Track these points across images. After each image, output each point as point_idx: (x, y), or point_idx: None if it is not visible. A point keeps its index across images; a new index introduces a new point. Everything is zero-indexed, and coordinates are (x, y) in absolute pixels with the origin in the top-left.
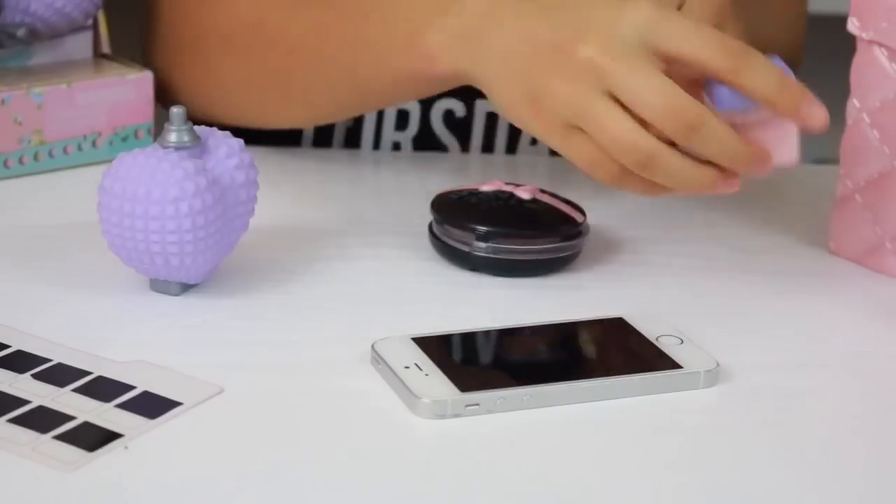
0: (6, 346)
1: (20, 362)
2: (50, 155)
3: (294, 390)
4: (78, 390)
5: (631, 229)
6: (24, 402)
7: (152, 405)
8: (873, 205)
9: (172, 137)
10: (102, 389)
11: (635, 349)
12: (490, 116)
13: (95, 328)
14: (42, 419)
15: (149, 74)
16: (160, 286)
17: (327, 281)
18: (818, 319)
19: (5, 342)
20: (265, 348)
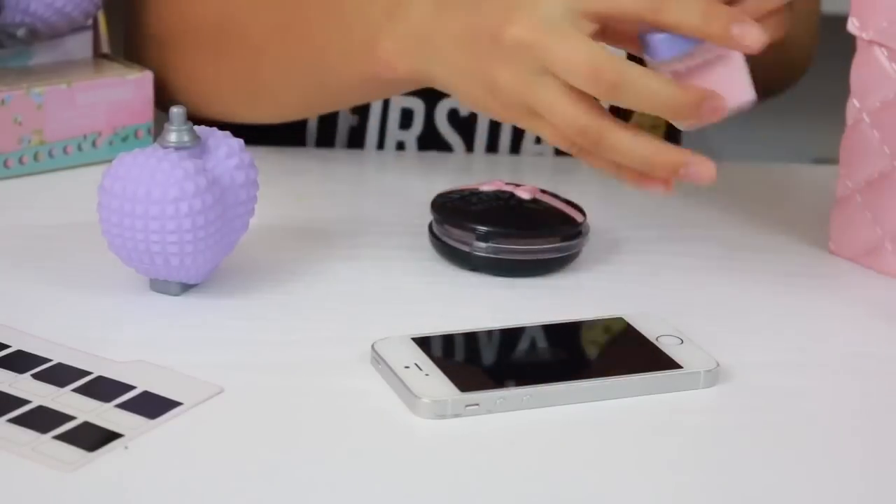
0: (6, 346)
1: (20, 362)
2: (50, 155)
3: (294, 390)
4: (78, 390)
5: (631, 229)
6: (24, 402)
7: (152, 405)
8: (873, 205)
9: (172, 137)
10: (102, 389)
11: (635, 349)
12: None
13: (95, 328)
14: (42, 419)
15: (149, 74)
16: (160, 286)
17: (327, 281)
18: (818, 319)
19: (5, 342)
20: (265, 348)
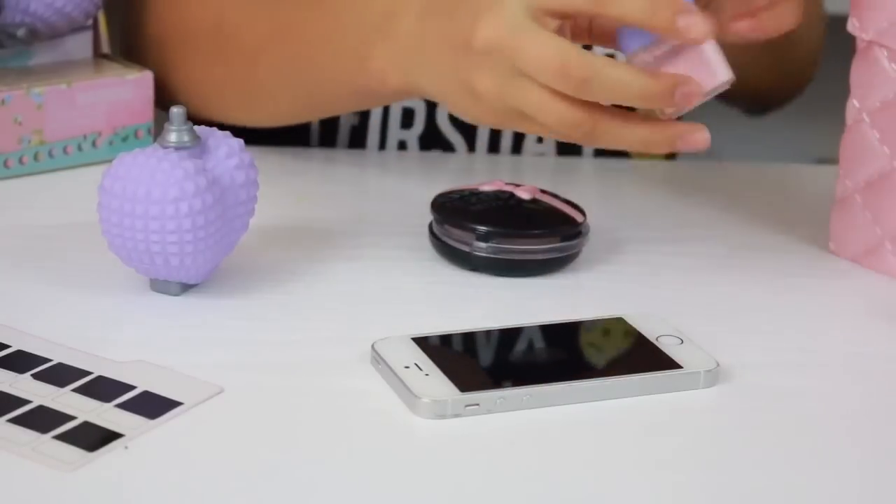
0: (6, 346)
1: (20, 362)
2: (50, 155)
3: (294, 390)
4: (78, 390)
5: (631, 229)
6: (25, 402)
7: (152, 405)
8: (873, 205)
9: (172, 137)
10: (102, 389)
11: (635, 349)
12: None
13: (95, 328)
14: (42, 419)
15: (149, 74)
16: (160, 286)
17: (327, 281)
18: (818, 319)
19: (5, 342)
20: (265, 348)
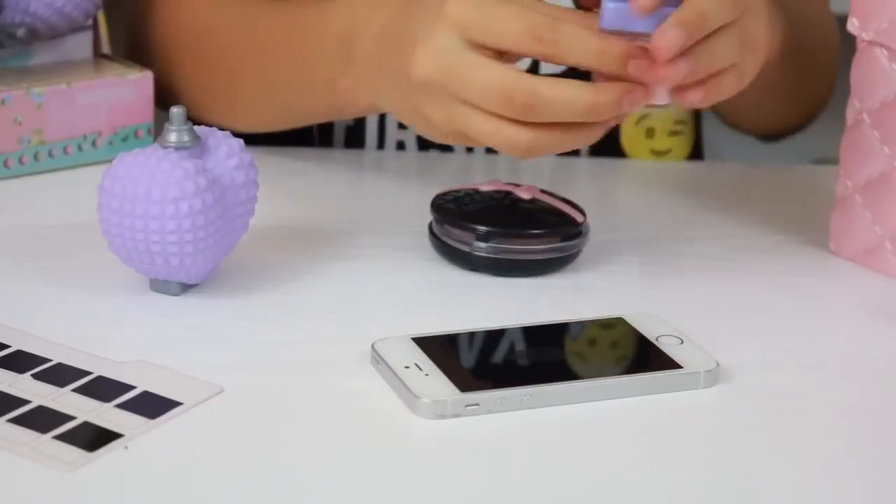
0: (6, 346)
1: (20, 362)
2: (50, 155)
3: (294, 390)
4: (78, 390)
5: (631, 229)
6: (24, 402)
7: (152, 405)
8: (873, 205)
9: (172, 137)
10: (102, 389)
11: (635, 349)
12: None
13: (95, 328)
14: (42, 419)
15: (149, 74)
16: (160, 286)
17: (327, 281)
18: (818, 319)
19: (5, 342)
20: (265, 348)
